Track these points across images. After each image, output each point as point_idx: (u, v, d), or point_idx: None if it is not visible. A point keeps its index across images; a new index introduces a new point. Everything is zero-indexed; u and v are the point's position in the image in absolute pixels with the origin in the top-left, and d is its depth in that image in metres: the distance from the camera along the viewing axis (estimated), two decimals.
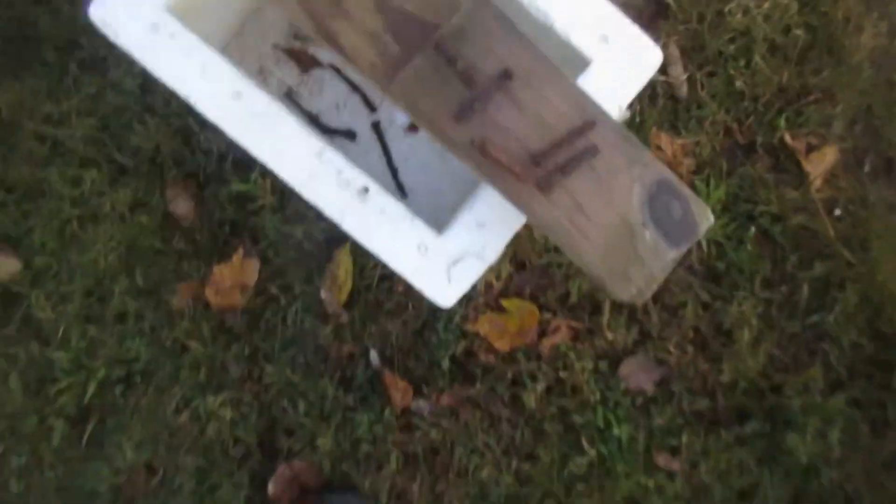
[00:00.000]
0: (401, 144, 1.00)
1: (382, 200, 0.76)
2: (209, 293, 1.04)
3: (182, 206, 1.01)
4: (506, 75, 0.67)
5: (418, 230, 0.76)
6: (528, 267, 1.05)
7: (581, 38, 0.74)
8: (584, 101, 0.68)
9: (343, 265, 1.01)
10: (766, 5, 1.01)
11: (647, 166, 0.69)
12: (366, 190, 0.77)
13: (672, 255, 0.69)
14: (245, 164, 1.01)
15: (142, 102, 1.03)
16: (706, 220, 0.69)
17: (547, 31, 0.74)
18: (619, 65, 0.75)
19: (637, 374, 1.04)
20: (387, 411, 1.05)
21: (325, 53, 1.00)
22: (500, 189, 0.69)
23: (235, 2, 0.95)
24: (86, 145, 1.04)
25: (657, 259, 0.69)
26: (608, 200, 0.69)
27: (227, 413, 1.06)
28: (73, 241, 1.05)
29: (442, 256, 0.76)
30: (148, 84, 1.02)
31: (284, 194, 1.03)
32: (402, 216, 0.75)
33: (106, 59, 1.03)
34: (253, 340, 1.06)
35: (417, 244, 0.76)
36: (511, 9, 0.71)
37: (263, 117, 0.75)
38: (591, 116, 0.68)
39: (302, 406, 1.05)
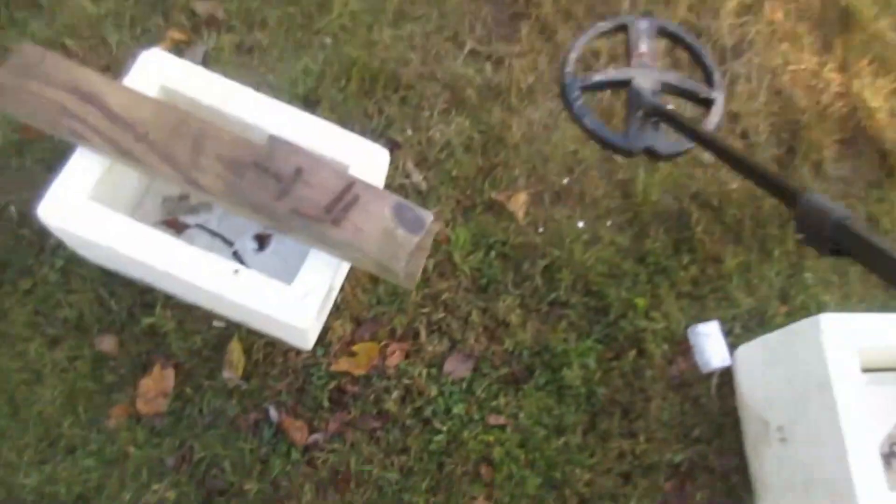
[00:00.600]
0: (254, 260, 1.49)
1: (248, 274, 1.24)
2: (139, 404, 1.39)
3: (107, 343, 1.40)
4: (298, 171, 1.22)
5: (272, 283, 1.24)
6: (361, 321, 1.52)
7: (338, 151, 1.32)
8: (343, 175, 1.24)
9: (235, 351, 1.43)
10: (454, 126, 1.68)
11: (387, 197, 1.24)
12: (237, 271, 1.25)
13: (415, 239, 1.22)
14: (150, 304, 1.44)
15: (63, 287, 1.45)
16: (427, 216, 1.24)
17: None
18: (364, 159, 1.33)
19: (456, 367, 1.51)
20: (293, 451, 1.41)
21: (189, 219, 1.51)
22: (312, 231, 1.20)
23: (132, 187, 1.45)
24: (25, 328, 1.42)
25: (408, 243, 1.22)
26: (373, 220, 1.22)
27: (171, 495, 1.36)
28: (22, 402, 1.38)
29: (293, 296, 1.24)
30: (67, 271, 1.45)
31: (182, 318, 1.45)
32: (260, 278, 1.23)
33: (32, 266, 1.46)
34: (179, 432, 1.40)
35: (275, 291, 1.24)
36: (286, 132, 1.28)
37: (174, 246, 1.23)
38: (349, 181, 1.23)
39: (228, 467, 1.38)
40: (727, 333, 1.58)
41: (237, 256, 1.49)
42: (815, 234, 1.05)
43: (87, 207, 1.26)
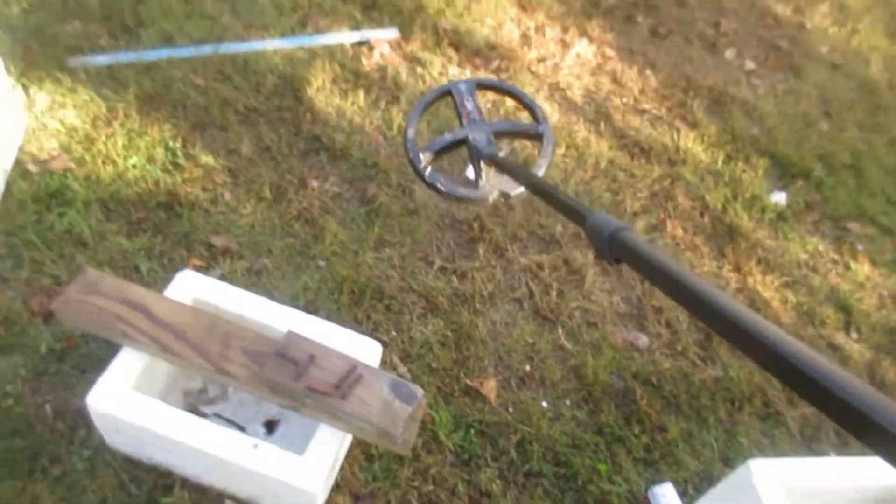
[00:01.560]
0: (264, 438, 1.69)
1: (265, 447, 1.45)
2: None
3: None
4: (311, 357, 1.50)
5: (287, 455, 1.45)
6: (360, 496, 1.69)
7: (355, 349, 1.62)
8: (347, 358, 1.52)
9: None
10: (430, 327, 2.01)
11: (384, 376, 1.51)
12: (256, 446, 1.46)
13: (409, 409, 1.48)
14: (169, 486, 1.60)
15: (89, 475, 1.60)
16: (419, 391, 1.51)
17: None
18: (361, 352, 1.62)
19: None
20: None
21: (206, 409, 1.72)
22: (324, 405, 1.45)
23: (161, 381, 1.67)
24: None
25: (403, 412, 1.47)
26: (374, 394, 1.48)
27: None
28: None
29: (305, 464, 1.45)
30: (93, 459, 1.61)
31: (197, 499, 1.60)
32: (275, 450, 1.45)
33: (61, 455, 1.62)
34: None
35: (288, 461, 1.45)
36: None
37: (203, 426, 1.46)
38: (352, 363, 1.51)
39: None
40: (682, 493, 1.79)
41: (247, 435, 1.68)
42: (601, 247, 1.09)
43: (129, 396, 1.49)
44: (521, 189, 1.96)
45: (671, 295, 0.88)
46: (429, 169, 2.05)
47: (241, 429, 1.72)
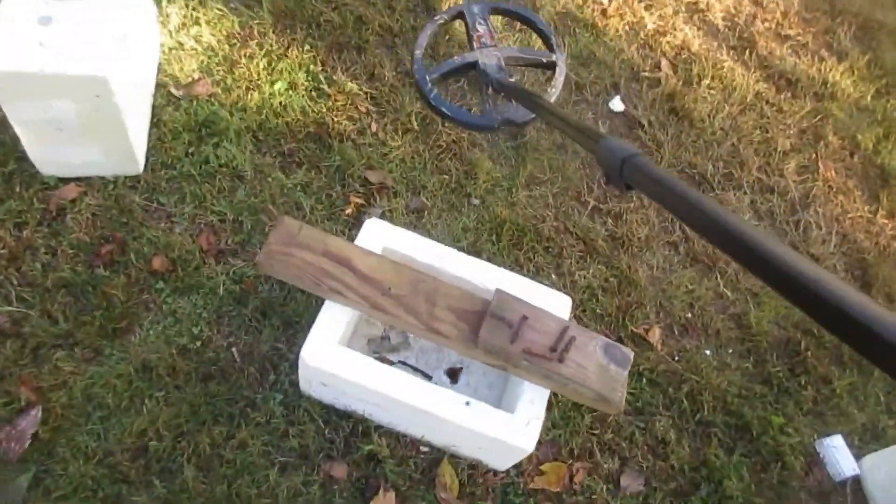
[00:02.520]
0: (448, 387, 1.71)
1: (476, 405, 1.46)
2: None
3: (337, 469, 1.57)
4: (524, 318, 1.48)
5: (498, 413, 1.46)
6: (541, 442, 1.73)
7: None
8: (559, 319, 1.51)
9: (447, 474, 1.61)
10: (591, 271, 1.98)
11: (595, 338, 1.50)
12: (468, 403, 1.47)
13: (624, 373, 1.47)
14: (366, 433, 1.63)
15: (286, 419, 1.63)
16: (630, 353, 1.50)
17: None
18: (554, 306, 1.60)
19: (630, 483, 1.71)
20: None
21: (392, 356, 1.73)
22: (540, 369, 1.45)
23: (348, 331, 1.67)
24: (260, 457, 1.59)
25: (619, 377, 1.47)
26: (589, 357, 1.47)
27: None
28: None
29: (518, 423, 1.46)
30: (287, 405, 1.64)
31: (393, 445, 1.64)
32: (487, 409, 1.46)
33: (256, 400, 1.65)
34: None
35: (501, 419, 1.46)
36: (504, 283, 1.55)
37: (415, 383, 1.46)
38: (564, 324, 1.49)
39: None
40: (850, 445, 1.83)
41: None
42: (612, 172, 1.08)
43: (339, 352, 1.49)
44: (529, 117, 1.85)
45: (687, 221, 0.88)
46: (434, 91, 1.92)
47: (428, 377, 1.73)
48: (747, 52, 2.63)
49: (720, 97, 2.44)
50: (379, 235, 1.64)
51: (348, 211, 1.94)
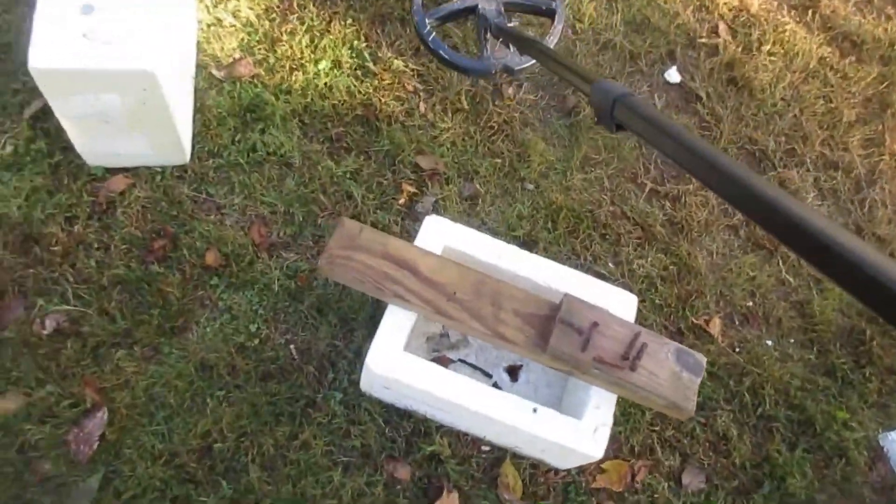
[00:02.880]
0: (510, 389, 1.69)
1: (544, 411, 1.44)
2: None
3: (400, 470, 1.57)
4: (594, 324, 1.44)
5: (566, 420, 1.44)
6: None
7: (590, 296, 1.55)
8: (629, 325, 1.46)
9: (509, 474, 1.61)
10: (650, 259, 1.92)
11: (667, 344, 1.46)
12: (535, 410, 1.45)
13: (697, 381, 1.44)
14: (427, 433, 1.62)
15: (348, 418, 1.63)
16: (703, 359, 1.46)
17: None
18: (619, 306, 1.55)
19: (692, 480, 1.70)
20: None
21: (451, 354, 1.71)
22: (611, 377, 1.41)
23: (408, 328, 1.65)
24: (323, 457, 1.59)
25: (692, 384, 1.43)
26: (661, 364, 1.43)
27: None
28: None
29: (585, 429, 1.43)
30: (347, 404, 1.63)
31: (455, 445, 1.63)
32: (554, 415, 1.43)
33: (317, 400, 1.64)
34: None
35: (569, 426, 1.44)
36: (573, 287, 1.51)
37: (482, 391, 1.43)
38: (636, 330, 1.45)
39: None
40: None
41: (497, 387, 1.68)
42: (603, 112, 1.06)
43: (404, 358, 1.46)
44: (527, 63, 1.81)
45: (680, 161, 0.86)
46: (433, 34, 1.86)
47: (488, 375, 1.71)
48: (809, 12, 2.47)
49: (781, 64, 2.31)
50: (439, 233, 1.59)
51: (401, 200, 1.89)
